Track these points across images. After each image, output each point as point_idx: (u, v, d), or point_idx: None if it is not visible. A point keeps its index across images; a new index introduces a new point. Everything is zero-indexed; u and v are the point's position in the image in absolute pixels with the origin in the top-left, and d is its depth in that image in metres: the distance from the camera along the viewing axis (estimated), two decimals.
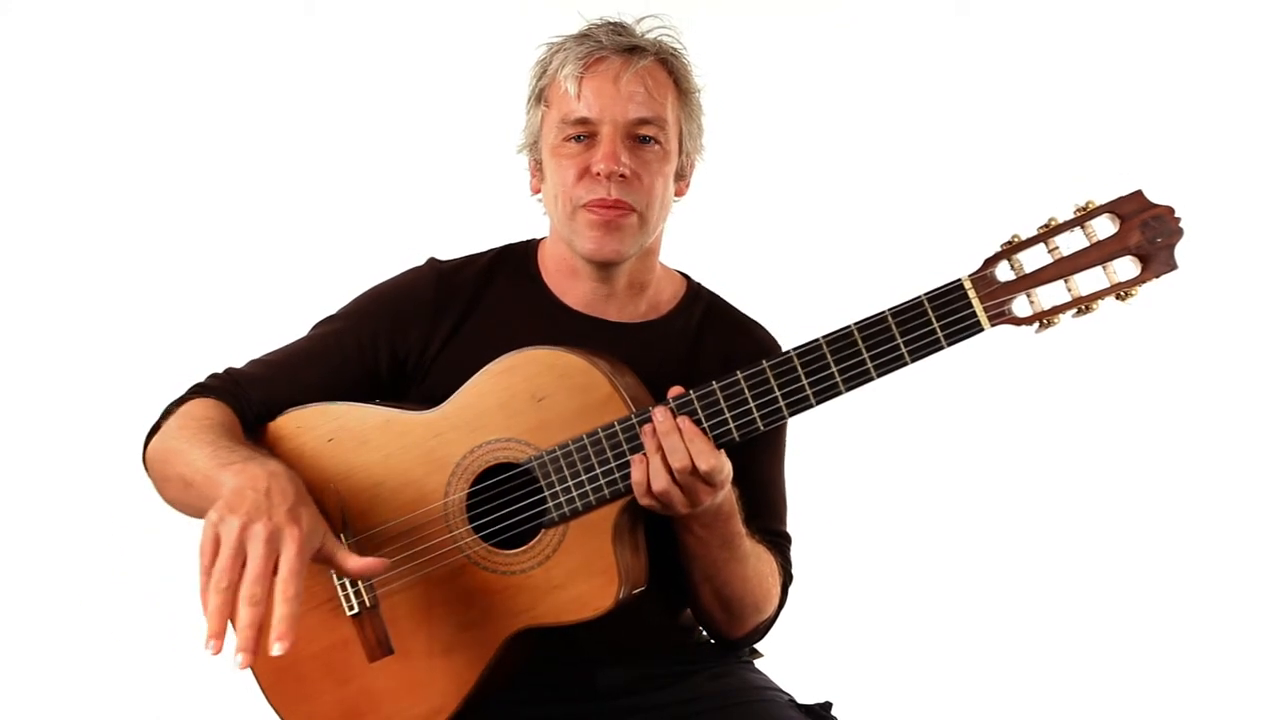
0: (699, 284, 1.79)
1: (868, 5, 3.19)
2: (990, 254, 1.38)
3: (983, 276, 1.38)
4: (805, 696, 1.69)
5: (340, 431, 1.58)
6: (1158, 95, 3.09)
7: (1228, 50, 3.07)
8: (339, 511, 1.56)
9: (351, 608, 1.55)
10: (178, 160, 3.06)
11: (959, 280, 1.38)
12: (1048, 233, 1.37)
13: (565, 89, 1.60)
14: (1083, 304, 1.37)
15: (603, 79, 1.60)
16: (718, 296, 1.78)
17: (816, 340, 1.42)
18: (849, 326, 1.41)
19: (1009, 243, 1.38)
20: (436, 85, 3.09)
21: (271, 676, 1.58)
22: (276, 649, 1.23)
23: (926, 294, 1.39)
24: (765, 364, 1.44)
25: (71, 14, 3.04)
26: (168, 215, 3.06)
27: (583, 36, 1.63)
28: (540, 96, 1.66)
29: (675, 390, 1.47)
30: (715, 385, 1.45)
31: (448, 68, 3.08)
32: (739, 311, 1.78)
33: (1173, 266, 1.35)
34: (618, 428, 1.47)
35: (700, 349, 1.71)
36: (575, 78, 1.59)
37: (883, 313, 1.40)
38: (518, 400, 1.50)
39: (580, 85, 1.59)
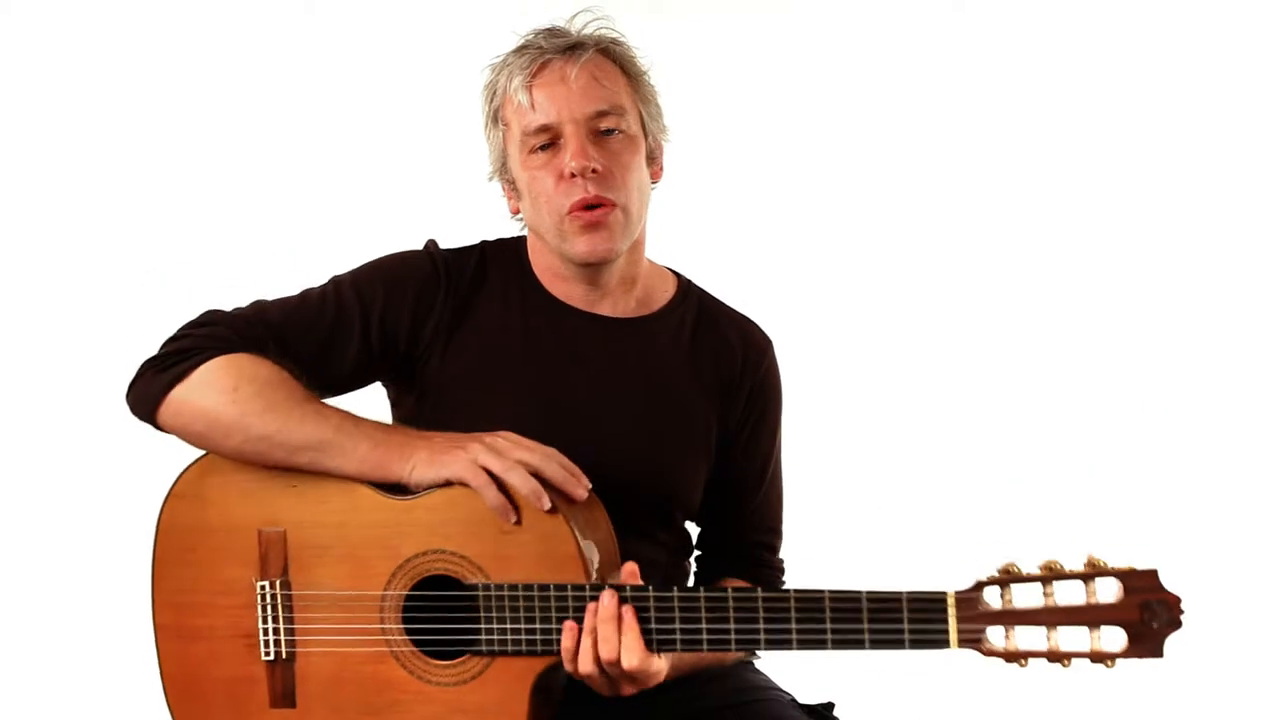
0: (689, 281, 1.80)
1: (868, 3, 3.16)
2: (985, 577, 1.33)
3: (968, 599, 1.33)
4: (807, 697, 1.70)
5: (304, 481, 1.56)
6: (1155, 94, 3.07)
7: (1225, 47, 3.05)
8: (282, 558, 1.56)
9: (268, 653, 1.56)
10: (178, 158, 3.06)
11: (944, 594, 1.33)
12: (1050, 576, 1.32)
13: (518, 102, 1.61)
14: (1059, 658, 1.32)
15: (551, 82, 1.60)
16: (708, 293, 1.79)
17: (787, 592, 1.39)
18: (822, 592, 1.37)
19: (1006, 572, 1.33)
20: (436, 83, 2.99)
21: (180, 689, 1.60)
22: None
23: (908, 594, 1.34)
24: (730, 593, 1.40)
25: (71, 13, 3.02)
26: (167, 214, 3.05)
27: (521, 49, 1.64)
28: (496, 118, 1.66)
29: (631, 572, 1.44)
30: (675, 592, 1.42)
31: (448, 65, 2.90)
32: (731, 308, 1.80)
33: (1158, 655, 1.30)
34: (569, 592, 1.45)
35: (696, 344, 1.73)
36: (525, 88, 1.60)
37: (859, 593, 1.36)
38: (486, 523, 1.48)
39: (531, 94, 1.60)
